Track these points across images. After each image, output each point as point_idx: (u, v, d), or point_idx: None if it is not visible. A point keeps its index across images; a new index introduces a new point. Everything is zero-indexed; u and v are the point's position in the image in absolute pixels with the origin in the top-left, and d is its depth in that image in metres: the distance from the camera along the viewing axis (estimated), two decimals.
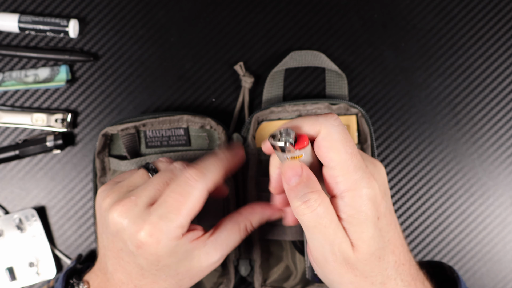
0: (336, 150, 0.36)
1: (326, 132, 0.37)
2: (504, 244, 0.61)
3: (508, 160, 0.61)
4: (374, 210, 0.37)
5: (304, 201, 0.37)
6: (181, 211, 0.40)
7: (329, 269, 0.39)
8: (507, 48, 0.62)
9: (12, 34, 0.62)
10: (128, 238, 0.40)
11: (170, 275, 0.42)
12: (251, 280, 0.58)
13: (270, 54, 0.62)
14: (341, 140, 0.37)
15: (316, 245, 0.38)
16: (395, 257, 0.39)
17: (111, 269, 0.44)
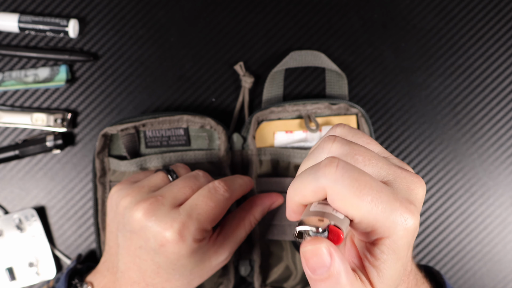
0: (352, 206, 0.30)
1: (331, 191, 0.30)
2: (504, 244, 0.61)
3: (509, 160, 0.61)
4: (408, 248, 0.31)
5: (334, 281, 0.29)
6: (210, 216, 0.42)
7: None
8: (507, 48, 0.62)
9: (12, 34, 0.62)
10: (153, 235, 0.42)
11: (184, 275, 0.44)
12: (251, 280, 0.58)
13: (270, 54, 0.62)
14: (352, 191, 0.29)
15: None
16: (405, 284, 0.36)
17: (122, 268, 0.44)
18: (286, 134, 0.57)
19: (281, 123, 0.58)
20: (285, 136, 0.58)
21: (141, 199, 0.43)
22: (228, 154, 0.57)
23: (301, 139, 0.57)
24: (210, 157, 0.57)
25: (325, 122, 0.58)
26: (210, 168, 0.57)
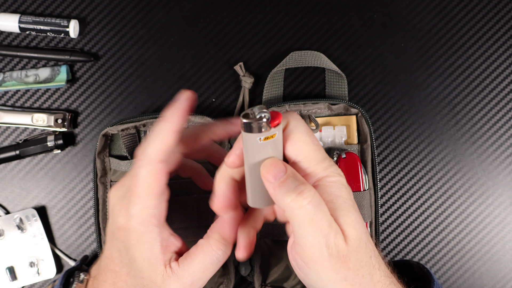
0: (304, 142, 0.37)
1: (294, 125, 0.37)
2: (503, 243, 0.61)
3: (508, 160, 0.61)
4: (348, 193, 0.37)
5: (298, 193, 0.35)
6: (138, 193, 0.38)
7: (325, 266, 0.36)
8: (507, 48, 0.62)
9: (12, 34, 0.62)
10: (113, 218, 0.41)
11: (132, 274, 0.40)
12: (251, 280, 0.58)
13: (270, 54, 0.62)
14: (308, 132, 0.37)
15: (312, 241, 0.35)
16: (372, 245, 0.38)
17: (104, 255, 0.43)
18: None
19: None
20: None
21: (115, 184, 0.42)
22: None
23: None
24: None
25: (325, 122, 0.58)
26: (211, 168, 0.57)
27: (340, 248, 0.36)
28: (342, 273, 0.36)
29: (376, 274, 0.37)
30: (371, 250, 0.37)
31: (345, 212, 0.36)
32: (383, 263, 0.38)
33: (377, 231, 0.56)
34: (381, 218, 0.62)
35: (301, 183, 0.35)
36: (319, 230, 0.35)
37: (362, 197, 0.55)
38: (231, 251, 0.44)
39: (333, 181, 0.37)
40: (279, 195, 0.36)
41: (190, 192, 0.56)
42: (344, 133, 0.57)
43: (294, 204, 0.35)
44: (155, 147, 0.38)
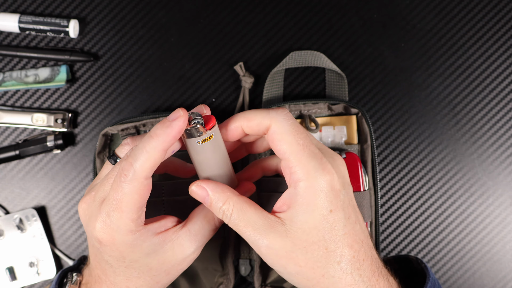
0: (287, 142, 0.38)
1: (277, 126, 0.38)
2: (503, 244, 0.61)
3: (508, 160, 0.61)
4: (327, 202, 0.37)
5: (222, 215, 0.40)
6: (121, 208, 0.38)
7: (271, 262, 0.39)
8: (507, 48, 0.62)
9: (12, 34, 0.62)
10: (90, 234, 0.40)
11: (142, 271, 0.41)
12: (251, 280, 0.58)
13: (270, 54, 0.62)
14: (292, 132, 0.38)
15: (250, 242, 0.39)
16: (353, 252, 0.38)
17: (92, 265, 0.43)
18: None
19: None
20: None
21: (84, 196, 0.42)
22: None
23: None
24: None
25: (325, 122, 0.58)
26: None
27: (279, 246, 0.38)
28: (291, 268, 0.38)
29: (345, 278, 0.38)
30: (342, 256, 0.38)
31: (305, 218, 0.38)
32: (364, 269, 0.39)
33: (377, 231, 0.56)
34: (381, 218, 0.62)
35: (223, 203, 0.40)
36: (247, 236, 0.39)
37: (362, 197, 0.55)
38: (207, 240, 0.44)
39: (312, 186, 0.37)
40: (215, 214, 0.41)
41: None
42: (344, 133, 0.57)
43: (224, 220, 0.40)
44: (143, 164, 0.38)
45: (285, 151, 0.38)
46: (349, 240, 0.38)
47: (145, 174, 0.38)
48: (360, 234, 0.39)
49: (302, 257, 0.38)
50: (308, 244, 0.38)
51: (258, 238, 0.38)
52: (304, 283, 0.39)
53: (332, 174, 0.38)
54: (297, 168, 0.37)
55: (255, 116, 0.39)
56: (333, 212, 0.38)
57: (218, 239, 0.58)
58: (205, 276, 0.58)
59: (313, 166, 0.37)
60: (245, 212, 0.39)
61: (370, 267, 0.39)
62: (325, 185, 0.37)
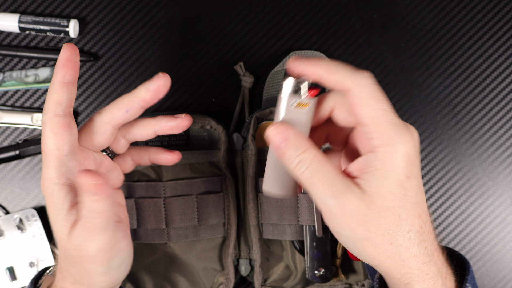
0: (368, 107, 0.36)
1: (359, 89, 0.36)
2: (503, 244, 0.61)
3: (508, 160, 0.61)
4: (405, 168, 0.36)
5: (297, 163, 0.37)
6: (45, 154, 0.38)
7: (339, 223, 0.37)
8: (507, 48, 0.62)
9: (12, 34, 0.62)
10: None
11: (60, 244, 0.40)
12: (251, 280, 0.58)
13: (270, 54, 0.62)
14: (374, 96, 0.36)
15: (320, 199, 0.37)
16: (421, 222, 0.37)
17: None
18: None
19: None
20: None
21: None
22: (228, 154, 0.58)
23: None
24: (210, 157, 0.57)
25: None
26: (210, 168, 0.57)
27: (354, 207, 0.36)
28: (360, 233, 0.36)
29: (411, 248, 0.37)
30: (412, 225, 0.37)
31: (383, 182, 0.36)
32: (429, 242, 0.38)
33: None
34: None
35: (301, 152, 0.37)
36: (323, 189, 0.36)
37: None
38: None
39: (393, 151, 0.36)
40: (284, 161, 0.38)
41: (190, 192, 0.56)
42: None
43: (295, 171, 0.37)
44: (49, 101, 0.38)
45: (366, 115, 0.36)
46: (419, 209, 0.37)
47: (55, 111, 0.38)
48: (425, 206, 0.38)
49: (374, 222, 0.36)
50: (382, 209, 0.36)
51: (331, 195, 0.36)
52: (370, 251, 0.37)
53: (411, 141, 0.36)
54: (378, 133, 0.36)
55: (338, 71, 0.37)
56: (409, 179, 0.37)
57: (218, 239, 0.58)
58: (205, 276, 0.58)
59: (395, 132, 0.36)
60: (324, 166, 0.37)
61: (433, 241, 0.38)
62: (405, 152, 0.36)
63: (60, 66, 0.39)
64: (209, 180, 0.56)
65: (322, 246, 0.55)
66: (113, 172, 0.44)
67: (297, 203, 0.55)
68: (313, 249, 0.55)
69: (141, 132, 0.44)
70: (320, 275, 0.55)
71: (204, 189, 0.56)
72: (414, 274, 0.37)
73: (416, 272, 0.37)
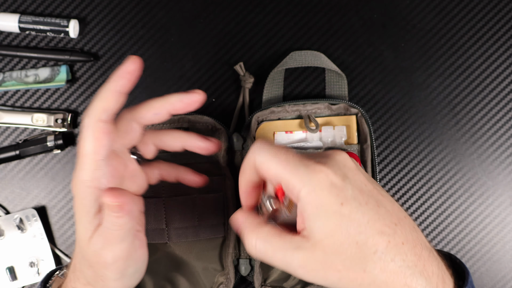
0: (271, 168, 0.37)
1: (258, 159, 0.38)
2: (503, 244, 0.61)
3: (508, 160, 0.61)
4: (332, 197, 0.36)
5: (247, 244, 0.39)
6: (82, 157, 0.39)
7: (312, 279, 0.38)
8: (507, 48, 0.62)
9: (12, 34, 0.62)
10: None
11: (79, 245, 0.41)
12: (251, 279, 0.58)
13: (270, 54, 0.62)
14: (268, 157, 0.38)
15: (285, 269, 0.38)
16: (386, 237, 0.36)
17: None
18: (286, 134, 0.58)
19: (281, 123, 0.58)
20: (285, 136, 0.58)
21: None
22: (228, 154, 0.58)
23: (301, 139, 0.58)
24: (210, 157, 0.57)
25: (325, 122, 0.58)
26: (210, 168, 0.57)
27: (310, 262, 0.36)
28: (333, 278, 0.37)
29: (387, 267, 0.36)
30: (375, 245, 0.36)
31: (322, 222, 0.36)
32: (407, 253, 0.36)
33: None
34: None
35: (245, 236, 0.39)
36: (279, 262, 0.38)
37: None
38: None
39: (309, 191, 0.36)
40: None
41: (190, 192, 0.56)
42: (344, 133, 0.57)
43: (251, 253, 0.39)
44: (96, 106, 0.38)
45: (275, 174, 0.37)
46: (377, 226, 0.36)
47: (99, 117, 0.38)
48: (389, 217, 0.37)
49: (337, 261, 0.36)
50: (337, 246, 0.36)
51: (289, 260, 0.37)
52: (350, 286, 0.37)
53: (324, 170, 0.36)
54: (291, 182, 0.37)
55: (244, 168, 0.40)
56: (344, 205, 0.36)
57: (218, 239, 0.58)
58: (205, 275, 0.58)
59: (302, 172, 0.36)
60: (269, 240, 0.38)
61: (413, 250, 0.37)
62: (323, 183, 0.36)
63: (119, 76, 0.39)
64: (209, 180, 0.56)
65: None
66: (137, 178, 0.44)
67: None
68: None
69: (171, 142, 0.45)
70: None
71: (204, 189, 0.56)
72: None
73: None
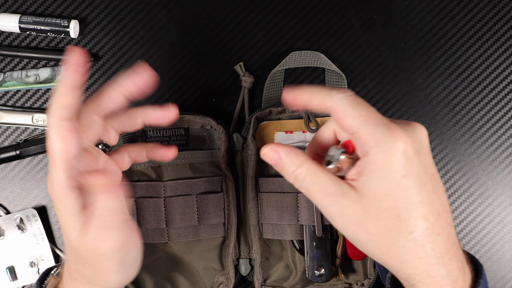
0: (350, 116, 0.37)
1: (338, 103, 0.38)
2: (503, 243, 0.61)
3: (507, 160, 0.62)
4: (400, 166, 0.36)
5: (294, 179, 0.39)
6: (53, 158, 0.38)
7: (340, 227, 0.38)
8: (507, 48, 0.62)
9: (13, 35, 0.62)
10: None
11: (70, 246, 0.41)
12: (251, 279, 0.58)
13: (270, 54, 0.62)
14: (353, 105, 0.37)
15: (321, 208, 0.38)
16: (427, 223, 0.36)
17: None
18: (286, 134, 0.58)
19: (281, 123, 0.58)
20: (285, 136, 0.58)
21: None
22: (228, 154, 0.58)
23: (301, 139, 0.58)
24: (210, 157, 0.57)
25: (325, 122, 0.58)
26: (210, 168, 0.57)
27: (351, 212, 0.37)
28: (361, 235, 0.37)
29: (416, 250, 0.36)
30: (416, 226, 0.36)
31: (377, 183, 0.36)
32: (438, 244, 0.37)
33: None
34: None
35: (296, 168, 0.39)
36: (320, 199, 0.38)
37: None
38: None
39: (382, 151, 0.36)
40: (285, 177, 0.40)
41: (190, 192, 0.56)
42: None
43: (295, 185, 0.39)
44: (55, 105, 0.38)
45: (351, 124, 0.37)
46: (424, 210, 0.36)
47: (61, 115, 0.38)
48: (437, 205, 0.37)
49: (373, 224, 0.37)
50: (380, 211, 0.36)
51: (329, 203, 0.38)
52: (373, 251, 0.38)
53: (404, 138, 0.36)
54: (366, 137, 0.36)
55: (318, 93, 0.39)
56: (406, 178, 0.36)
57: (218, 239, 0.58)
58: (205, 275, 0.58)
59: (381, 131, 0.36)
60: (319, 177, 0.38)
61: (445, 243, 0.37)
62: (397, 150, 0.36)
63: (69, 70, 0.38)
64: (209, 180, 0.57)
65: (322, 246, 0.55)
66: (110, 167, 0.44)
67: (297, 202, 0.55)
68: (313, 249, 0.55)
69: (129, 121, 0.44)
70: (320, 275, 0.55)
71: (204, 189, 0.56)
72: (420, 276, 0.37)
73: (422, 274, 0.37)
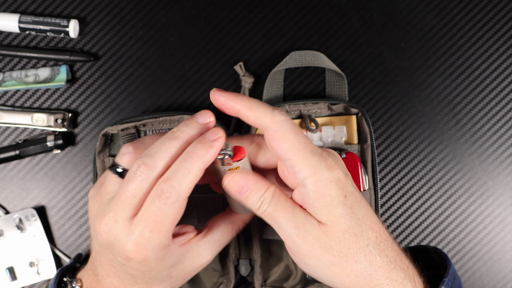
0: (289, 141, 0.38)
1: (277, 125, 0.38)
2: (503, 244, 0.61)
3: (508, 160, 0.61)
4: (339, 189, 0.38)
5: (260, 204, 0.39)
6: (160, 229, 0.39)
7: (304, 254, 0.39)
8: (507, 48, 0.62)
9: (12, 34, 0.62)
10: (117, 252, 0.40)
11: (163, 279, 0.43)
12: (251, 280, 0.58)
13: (270, 54, 0.62)
14: (292, 131, 0.38)
15: (284, 231, 0.39)
16: (375, 233, 0.39)
17: (102, 273, 0.43)
18: None
19: None
20: None
21: (100, 214, 0.41)
22: None
23: None
24: None
25: (325, 122, 0.58)
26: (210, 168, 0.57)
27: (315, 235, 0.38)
28: (326, 259, 0.38)
29: (374, 261, 0.38)
30: (368, 239, 0.39)
31: (329, 209, 0.38)
32: (389, 249, 0.39)
33: None
34: (381, 218, 0.62)
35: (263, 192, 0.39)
36: (285, 223, 0.39)
37: None
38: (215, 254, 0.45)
39: (321, 179, 0.38)
40: (247, 206, 0.40)
41: None
42: (344, 133, 0.57)
43: (258, 212, 0.40)
44: (186, 186, 0.39)
45: (286, 149, 0.38)
46: (369, 222, 0.39)
47: (187, 195, 0.39)
48: (371, 215, 0.40)
49: (336, 247, 0.38)
50: (340, 233, 0.38)
51: (293, 227, 0.38)
52: (339, 274, 0.39)
53: (335, 166, 0.39)
54: (302, 165, 0.38)
55: (256, 108, 0.39)
56: (348, 197, 0.38)
57: None
58: (205, 276, 0.58)
59: (316, 161, 0.38)
60: (283, 200, 0.39)
61: (392, 246, 0.40)
62: (332, 176, 0.38)
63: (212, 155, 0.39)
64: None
65: None
66: None
67: None
68: None
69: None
70: None
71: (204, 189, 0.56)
72: (384, 283, 0.39)
73: (386, 281, 0.39)
